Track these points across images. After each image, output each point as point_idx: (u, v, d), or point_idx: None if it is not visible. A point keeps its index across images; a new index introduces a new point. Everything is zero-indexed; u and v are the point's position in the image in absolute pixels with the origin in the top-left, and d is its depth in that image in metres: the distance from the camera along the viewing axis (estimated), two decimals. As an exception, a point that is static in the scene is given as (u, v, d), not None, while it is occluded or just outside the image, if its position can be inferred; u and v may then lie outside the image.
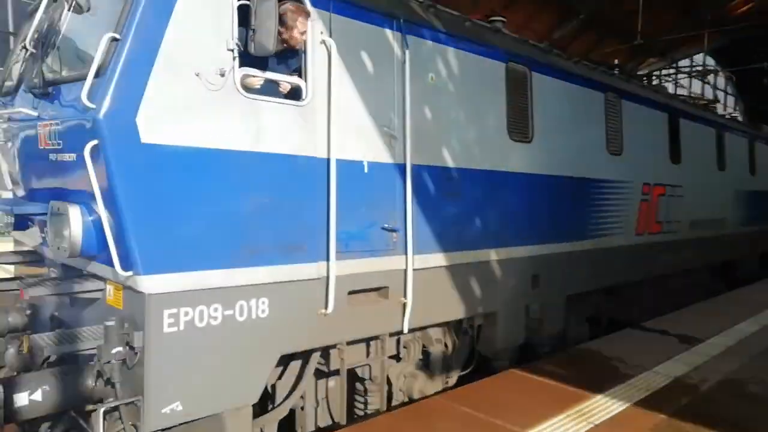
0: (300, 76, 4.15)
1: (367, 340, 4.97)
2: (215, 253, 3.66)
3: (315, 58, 4.18)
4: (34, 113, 3.85)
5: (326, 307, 4.23)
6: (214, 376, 3.74)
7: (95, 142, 3.21)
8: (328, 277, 4.23)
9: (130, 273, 3.35)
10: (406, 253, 4.81)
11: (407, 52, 4.78)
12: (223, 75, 3.65)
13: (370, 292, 4.72)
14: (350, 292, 4.50)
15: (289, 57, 4.22)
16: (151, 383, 3.43)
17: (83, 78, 3.32)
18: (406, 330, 4.92)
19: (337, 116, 4.30)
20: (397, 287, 4.82)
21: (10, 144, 4.59)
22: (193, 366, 3.62)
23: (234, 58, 3.69)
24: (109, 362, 3.34)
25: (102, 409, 3.25)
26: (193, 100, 3.55)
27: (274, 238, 3.96)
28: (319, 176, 4.20)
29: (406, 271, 4.82)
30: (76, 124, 3.44)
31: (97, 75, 3.27)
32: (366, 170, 4.55)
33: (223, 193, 3.70)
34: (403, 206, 4.78)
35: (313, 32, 4.15)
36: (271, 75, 4.01)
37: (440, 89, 5.17)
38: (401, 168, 4.79)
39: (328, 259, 4.23)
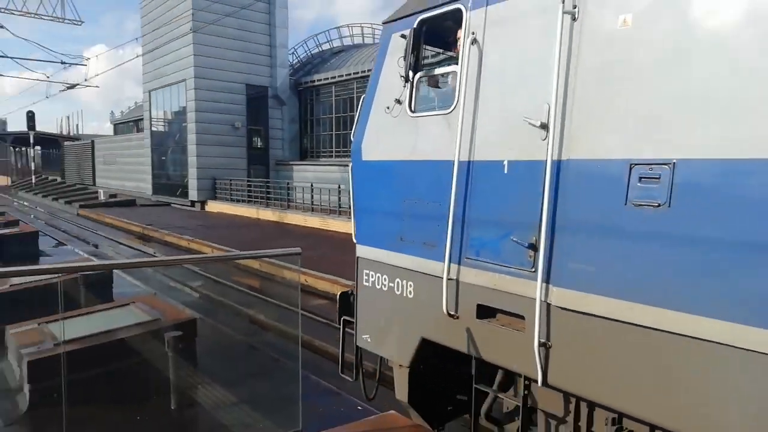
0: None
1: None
2: (383, 236, 4.95)
3: (467, 61, 4.19)
4: None
5: (444, 307, 4.26)
6: (384, 329, 5.04)
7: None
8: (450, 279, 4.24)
9: (355, 241, 5.41)
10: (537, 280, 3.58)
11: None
12: (400, 102, 4.81)
13: (507, 315, 3.93)
14: (481, 306, 4.09)
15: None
16: (358, 315, 5.35)
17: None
18: (539, 382, 3.62)
19: (481, 114, 4.10)
20: (535, 322, 3.64)
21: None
22: (375, 315, 5.15)
23: (404, 87, 4.73)
24: (352, 293, 5.55)
25: (342, 318, 5.56)
26: (385, 127, 4.99)
27: (418, 233, 4.59)
28: (451, 180, 4.23)
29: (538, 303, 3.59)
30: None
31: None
32: (506, 171, 3.90)
33: (390, 193, 4.90)
34: (539, 216, 3.57)
35: (467, 36, 4.19)
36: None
37: (642, 37, 3.15)
38: (553, 166, 3.54)
39: (443, 260, 4.24)
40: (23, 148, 62.81)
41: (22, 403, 5.52)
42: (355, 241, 5.40)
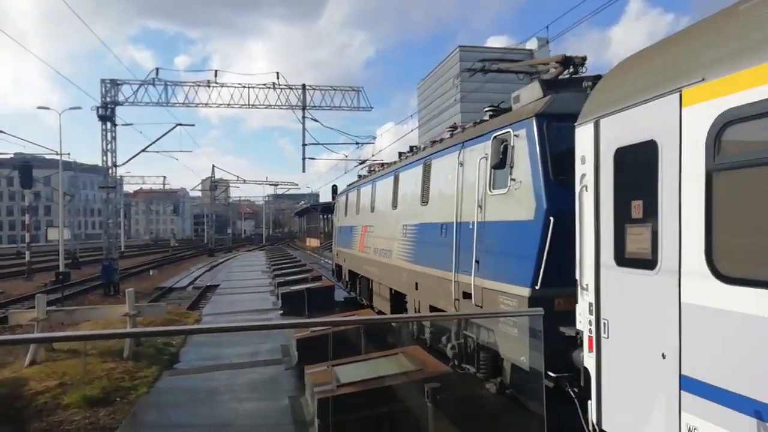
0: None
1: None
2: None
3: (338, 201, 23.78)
4: None
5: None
6: (341, 268, 21.04)
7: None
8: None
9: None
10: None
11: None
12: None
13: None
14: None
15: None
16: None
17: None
18: (342, 265, 21.11)
19: (342, 216, 21.69)
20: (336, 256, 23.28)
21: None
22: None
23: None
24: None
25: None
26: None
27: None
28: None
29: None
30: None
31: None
32: (344, 228, 19.95)
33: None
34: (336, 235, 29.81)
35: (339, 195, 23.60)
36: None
37: (343, 202, 21.39)
38: (337, 228, 23.33)
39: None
40: (329, 216, 75.43)
41: (313, 436, 6.55)
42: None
